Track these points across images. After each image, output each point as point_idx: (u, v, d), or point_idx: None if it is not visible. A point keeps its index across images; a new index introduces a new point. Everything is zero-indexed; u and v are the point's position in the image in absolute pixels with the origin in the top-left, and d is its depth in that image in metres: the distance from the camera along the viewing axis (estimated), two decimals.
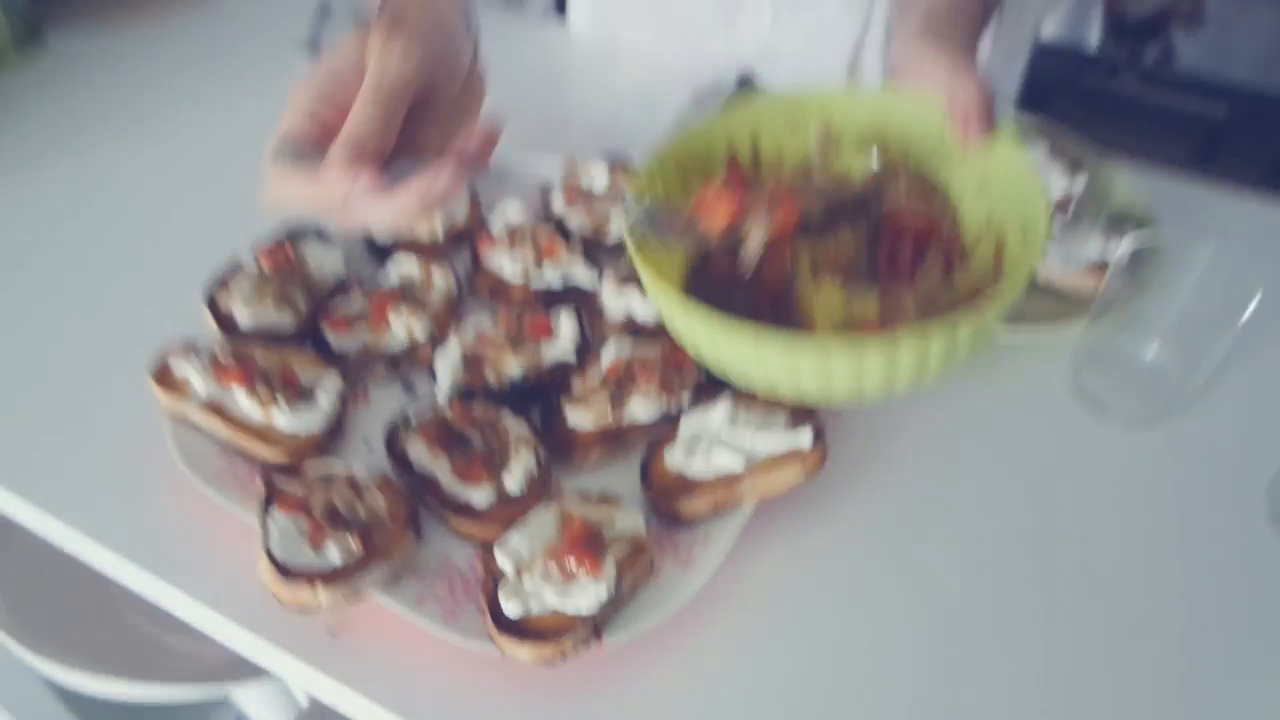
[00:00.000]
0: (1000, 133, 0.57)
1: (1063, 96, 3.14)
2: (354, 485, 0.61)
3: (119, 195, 0.93)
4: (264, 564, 0.55)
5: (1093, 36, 2.99)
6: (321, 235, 0.79)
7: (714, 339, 0.53)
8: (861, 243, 0.61)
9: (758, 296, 0.60)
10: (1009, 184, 0.57)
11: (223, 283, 0.74)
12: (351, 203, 0.50)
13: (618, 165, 0.85)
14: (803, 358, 0.50)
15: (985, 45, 0.68)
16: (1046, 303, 0.78)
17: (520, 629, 0.54)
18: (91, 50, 1.13)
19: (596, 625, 0.54)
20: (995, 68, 0.75)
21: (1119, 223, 0.81)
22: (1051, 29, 3.02)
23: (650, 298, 0.55)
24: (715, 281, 0.60)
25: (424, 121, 0.55)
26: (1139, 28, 2.88)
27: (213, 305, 0.73)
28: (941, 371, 0.52)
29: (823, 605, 0.61)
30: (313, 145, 0.52)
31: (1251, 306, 0.66)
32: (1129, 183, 0.86)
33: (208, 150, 0.98)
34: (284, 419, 0.64)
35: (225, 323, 0.72)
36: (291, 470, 0.62)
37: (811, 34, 1.00)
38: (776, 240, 0.58)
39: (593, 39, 1.15)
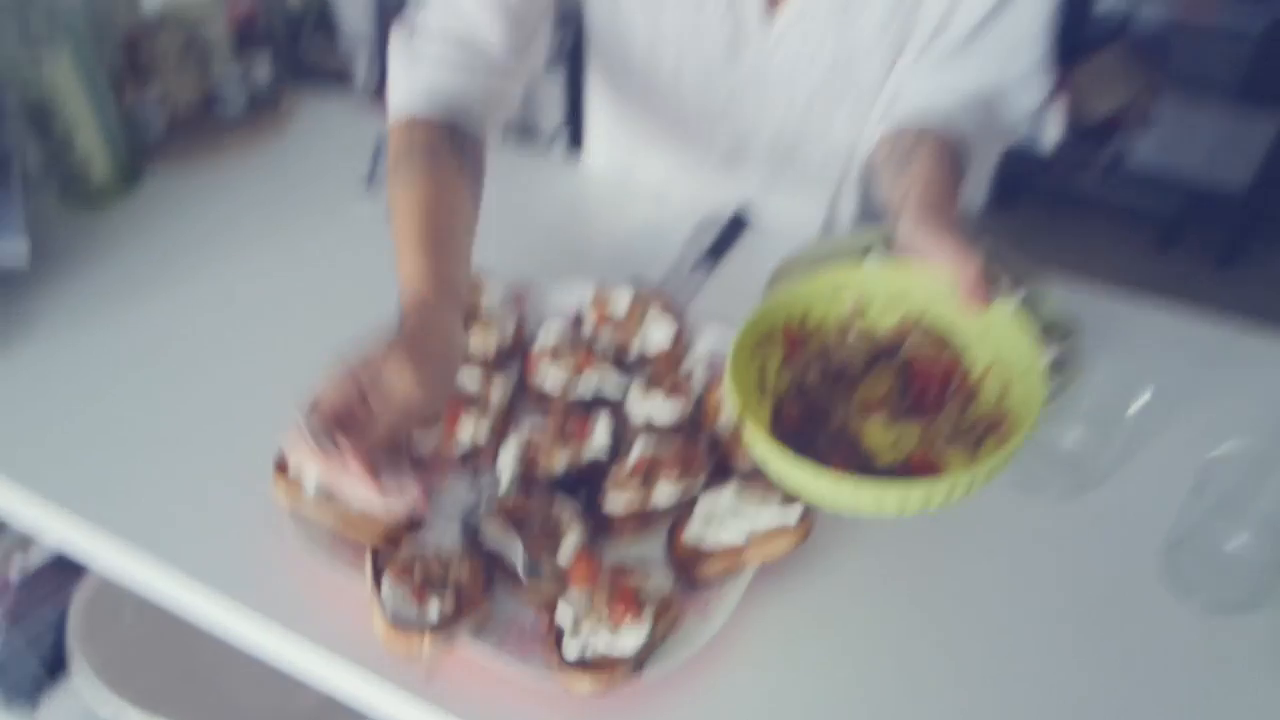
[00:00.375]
0: (997, 299, 0.75)
1: (1028, 194, 3.37)
2: (440, 559, 0.77)
3: (215, 319, 1.08)
4: (380, 619, 0.71)
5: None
6: None
7: (818, 486, 0.69)
8: (894, 384, 0.79)
9: (826, 431, 0.78)
10: (1006, 334, 0.75)
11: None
12: (342, 483, 0.70)
13: (638, 290, 1.02)
14: (889, 494, 0.67)
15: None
16: None
17: (579, 667, 0.70)
18: (183, 188, 1.28)
19: (638, 662, 0.71)
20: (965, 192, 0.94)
21: (1047, 332, 0.99)
22: None
23: (755, 452, 0.72)
24: (790, 424, 0.78)
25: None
26: (1094, 130, 3.08)
27: None
28: (982, 487, 0.69)
29: (811, 646, 0.77)
30: (335, 422, 0.69)
31: (1142, 401, 0.84)
32: (1056, 299, 1.05)
33: (292, 274, 1.14)
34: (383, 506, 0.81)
35: None
36: (389, 547, 0.78)
37: (798, 180, 1.18)
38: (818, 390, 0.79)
39: (609, 172, 1.32)
